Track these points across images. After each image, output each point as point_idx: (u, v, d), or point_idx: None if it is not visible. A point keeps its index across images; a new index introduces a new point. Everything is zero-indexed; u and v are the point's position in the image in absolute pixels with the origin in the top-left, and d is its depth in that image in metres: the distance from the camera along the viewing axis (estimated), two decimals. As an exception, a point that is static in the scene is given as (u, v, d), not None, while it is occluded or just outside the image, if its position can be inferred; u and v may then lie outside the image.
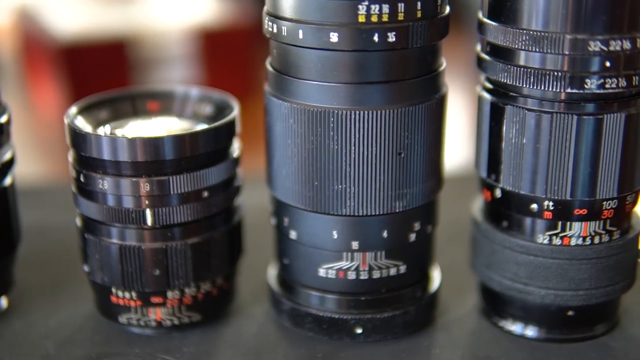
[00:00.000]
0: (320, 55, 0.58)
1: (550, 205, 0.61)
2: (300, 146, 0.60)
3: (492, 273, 0.65)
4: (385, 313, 0.64)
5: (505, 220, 0.64)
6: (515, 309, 0.66)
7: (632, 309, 0.69)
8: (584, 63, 0.57)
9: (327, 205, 0.61)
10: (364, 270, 0.63)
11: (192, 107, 0.70)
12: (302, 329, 0.66)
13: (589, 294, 0.63)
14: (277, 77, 0.61)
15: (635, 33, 0.56)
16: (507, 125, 0.61)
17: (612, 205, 0.61)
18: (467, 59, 1.54)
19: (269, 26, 0.60)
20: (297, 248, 0.64)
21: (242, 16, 1.93)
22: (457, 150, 0.75)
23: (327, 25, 0.56)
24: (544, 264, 0.62)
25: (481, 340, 0.66)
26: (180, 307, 0.65)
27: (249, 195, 0.75)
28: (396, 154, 0.60)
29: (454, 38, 0.67)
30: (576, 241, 0.62)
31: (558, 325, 0.65)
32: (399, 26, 0.57)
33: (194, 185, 0.62)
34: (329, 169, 0.60)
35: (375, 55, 0.57)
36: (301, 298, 0.66)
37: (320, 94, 0.59)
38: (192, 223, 0.64)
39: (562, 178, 0.60)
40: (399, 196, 0.61)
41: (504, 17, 0.59)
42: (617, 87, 0.57)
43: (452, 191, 0.79)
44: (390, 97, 0.59)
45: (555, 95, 0.59)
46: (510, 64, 0.59)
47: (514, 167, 0.61)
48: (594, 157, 0.59)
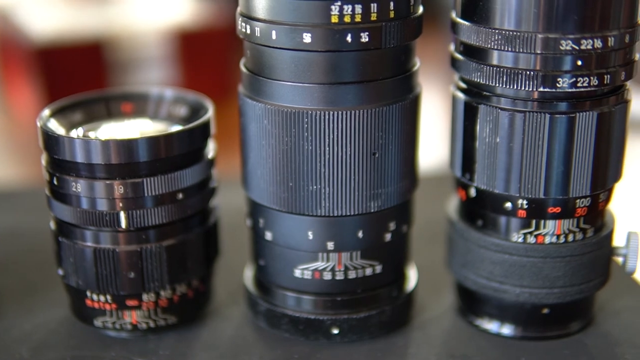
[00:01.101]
0: (293, 56, 0.58)
1: (524, 203, 0.61)
2: (275, 147, 0.60)
3: (468, 272, 0.65)
4: (362, 313, 0.64)
5: (480, 219, 0.65)
6: (490, 307, 0.66)
7: (607, 306, 0.70)
8: (555, 62, 0.57)
9: (302, 206, 0.61)
10: (339, 270, 0.63)
11: (166, 109, 0.69)
12: (279, 330, 0.66)
13: (564, 291, 0.63)
14: (251, 78, 0.61)
15: (606, 32, 0.57)
16: (481, 124, 0.61)
17: (585, 203, 0.62)
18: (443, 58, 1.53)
19: (243, 27, 0.60)
20: (272, 249, 0.64)
21: (219, 17, 1.92)
22: (433, 150, 0.75)
23: (300, 26, 0.56)
24: (518, 263, 0.63)
25: (457, 339, 0.66)
26: (155, 309, 0.65)
27: (226, 196, 0.75)
28: (370, 154, 0.60)
29: (430, 38, 0.67)
30: (550, 239, 0.62)
31: (533, 323, 0.65)
32: (371, 26, 0.57)
33: (168, 187, 0.62)
34: (304, 170, 0.60)
35: (349, 56, 0.57)
36: (277, 299, 0.65)
37: (294, 95, 0.59)
38: (167, 225, 0.63)
39: (535, 177, 0.60)
40: (373, 196, 0.61)
41: (477, 17, 0.59)
42: (589, 86, 0.58)
43: (428, 191, 0.80)
44: (364, 97, 0.59)
45: (528, 94, 0.59)
46: (483, 64, 0.60)
47: (487, 166, 0.61)
48: (566, 155, 0.59)
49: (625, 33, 0.58)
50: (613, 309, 0.70)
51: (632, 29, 0.58)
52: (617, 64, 0.58)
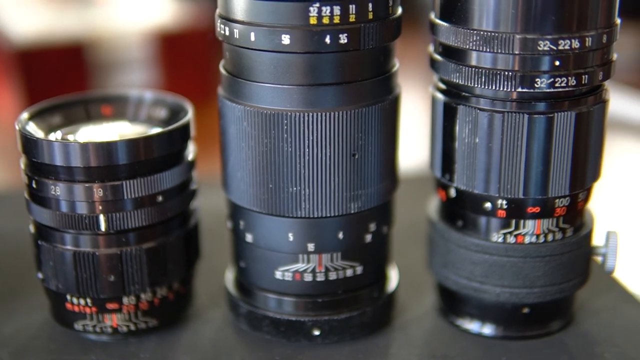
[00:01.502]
0: (272, 58, 0.58)
1: (503, 204, 0.62)
2: (255, 149, 0.60)
3: (448, 272, 0.66)
4: (343, 314, 0.64)
5: (460, 219, 0.65)
6: (471, 307, 0.66)
7: (587, 306, 0.70)
8: (534, 62, 0.57)
9: (282, 208, 0.61)
10: (320, 271, 0.63)
11: (146, 111, 0.69)
12: (260, 332, 0.66)
13: (544, 291, 0.64)
14: (230, 80, 0.61)
15: (583, 32, 0.57)
16: (460, 125, 0.61)
17: (564, 203, 0.62)
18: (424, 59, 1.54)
19: (222, 29, 0.60)
20: (253, 251, 0.64)
21: (200, 19, 1.92)
22: (414, 151, 0.76)
23: (279, 28, 0.56)
24: (498, 263, 0.63)
25: (438, 339, 0.66)
26: (136, 312, 0.65)
27: (207, 198, 0.75)
28: (350, 155, 0.60)
29: (411, 39, 0.67)
30: (530, 239, 0.63)
31: (514, 322, 0.66)
32: (350, 28, 0.57)
33: (148, 190, 0.62)
34: (284, 171, 0.60)
35: (328, 57, 0.57)
36: (258, 301, 0.65)
37: (274, 97, 0.59)
38: (147, 228, 0.63)
39: (514, 177, 0.60)
40: (353, 197, 0.61)
41: (455, 18, 0.60)
42: (567, 86, 0.58)
43: (408, 191, 0.80)
44: (344, 99, 0.59)
45: (506, 94, 0.59)
46: (462, 64, 0.60)
47: (467, 167, 0.62)
48: (545, 155, 0.59)
49: (603, 33, 0.58)
50: (593, 308, 0.70)
51: (610, 29, 0.59)
52: (594, 64, 0.59)
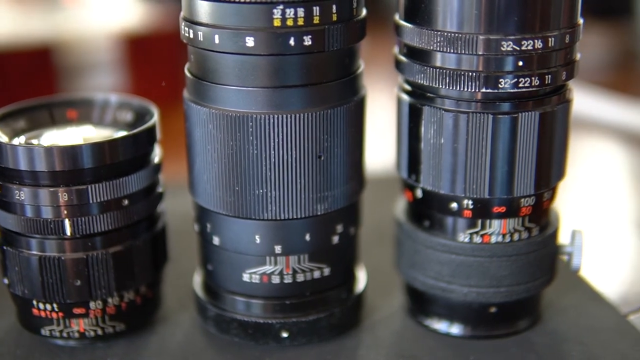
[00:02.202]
0: (237, 60, 0.58)
1: (469, 204, 0.62)
2: (220, 151, 0.60)
3: (416, 272, 0.66)
4: (311, 316, 0.64)
5: (426, 220, 0.65)
6: (439, 307, 0.67)
7: (554, 304, 0.70)
8: (497, 63, 0.58)
9: (248, 210, 0.61)
10: (287, 274, 0.63)
11: (111, 115, 0.69)
12: (228, 335, 0.65)
13: (510, 290, 0.64)
14: (195, 83, 0.61)
15: (546, 33, 0.57)
16: (425, 125, 0.61)
17: (529, 203, 0.62)
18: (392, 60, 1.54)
19: (186, 32, 0.60)
20: (220, 254, 0.64)
21: (169, 21, 1.90)
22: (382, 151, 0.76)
23: (243, 30, 0.56)
24: (465, 262, 0.63)
25: (406, 339, 0.67)
26: (103, 317, 0.65)
27: (175, 201, 0.75)
28: (316, 157, 0.60)
29: (380, 40, 0.67)
30: (496, 239, 0.63)
31: (481, 322, 0.66)
32: (314, 29, 0.57)
33: (113, 194, 0.62)
34: (250, 174, 0.60)
35: (292, 59, 0.57)
36: (226, 304, 0.65)
37: (239, 99, 0.58)
38: (113, 232, 0.63)
39: (480, 177, 0.60)
40: (320, 199, 0.61)
41: (419, 19, 0.60)
42: (531, 86, 0.58)
43: (376, 192, 0.80)
44: (309, 101, 0.59)
45: (471, 95, 0.59)
46: (426, 65, 0.60)
47: (433, 167, 0.62)
48: (510, 155, 0.60)
49: (566, 33, 0.59)
50: (560, 306, 0.70)
51: (572, 29, 0.59)
52: (558, 64, 0.59)
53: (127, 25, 1.35)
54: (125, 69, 1.29)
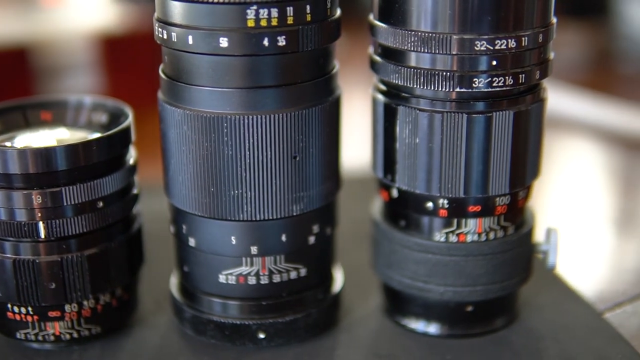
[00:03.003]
0: (211, 61, 0.57)
1: (445, 203, 0.62)
2: (195, 153, 0.60)
3: (393, 272, 0.66)
4: (287, 317, 0.64)
5: (402, 219, 0.65)
6: (416, 307, 0.67)
7: (531, 302, 0.71)
8: (471, 62, 0.58)
9: (224, 211, 0.61)
10: (264, 274, 0.63)
11: (86, 116, 0.69)
12: (205, 336, 0.65)
13: (486, 289, 0.64)
14: (170, 84, 0.61)
15: (519, 32, 0.58)
16: (401, 125, 0.61)
17: (505, 201, 0.63)
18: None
19: (160, 32, 0.60)
20: (196, 255, 0.64)
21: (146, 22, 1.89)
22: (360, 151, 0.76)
23: (217, 31, 0.56)
24: (441, 262, 0.63)
25: (384, 339, 0.67)
26: (79, 320, 0.64)
27: (152, 202, 0.75)
28: (291, 157, 0.60)
29: (358, 40, 0.67)
30: (472, 238, 0.63)
31: (458, 321, 0.66)
32: (288, 30, 0.57)
33: (88, 196, 0.61)
34: (225, 175, 0.60)
35: (266, 60, 0.57)
36: (203, 305, 0.65)
37: (213, 100, 0.58)
38: (87, 234, 0.62)
39: (455, 176, 0.61)
40: (296, 199, 0.61)
41: (394, 19, 0.60)
42: (505, 86, 0.58)
43: (353, 192, 0.80)
44: (283, 101, 0.59)
45: (445, 94, 0.59)
46: (401, 65, 0.60)
47: (408, 167, 0.62)
48: (485, 154, 0.60)
49: (539, 33, 0.59)
50: (537, 304, 0.71)
51: (546, 28, 0.59)
52: (531, 63, 0.59)
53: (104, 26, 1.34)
54: (102, 70, 1.28)
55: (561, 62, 1.41)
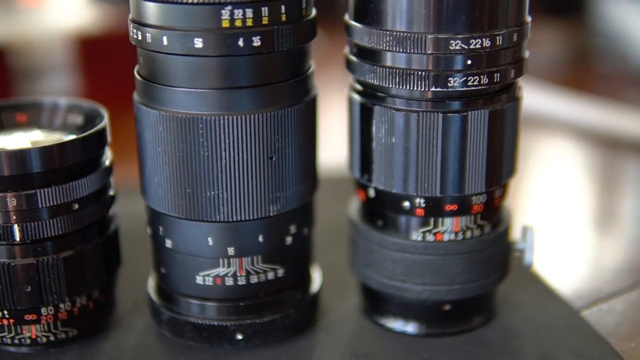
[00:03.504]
0: (185, 62, 0.57)
1: (421, 202, 0.62)
2: (171, 154, 0.60)
3: (370, 272, 0.66)
4: (265, 317, 0.64)
5: (380, 219, 0.65)
6: (394, 306, 0.67)
7: (509, 300, 0.71)
8: (446, 62, 0.58)
9: (200, 212, 0.60)
10: (241, 275, 0.63)
11: (61, 118, 0.68)
12: (183, 338, 0.65)
13: (464, 287, 0.64)
14: (145, 85, 0.60)
15: (494, 31, 0.58)
16: (377, 125, 0.61)
17: (481, 200, 0.63)
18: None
19: (134, 33, 0.59)
20: (173, 257, 0.64)
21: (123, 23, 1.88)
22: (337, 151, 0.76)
23: (191, 31, 0.56)
24: (418, 261, 0.63)
25: (362, 338, 0.67)
26: (55, 322, 0.64)
27: (129, 203, 0.74)
28: (267, 158, 0.60)
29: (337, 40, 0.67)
30: (449, 237, 0.63)
31: (436, 320, 0.66)
32: (263, 30, 0.57)
33: (63, 198, 0.61)
34: (201, 176, 0.59)
35: (241, 60, 0.57)
36: (180, 307, 0.65)
37: (188, 101, 0.58)
38: (63, 236, 0.62)
39: (431, 175, 0.61)
40: (272, 200, 0.61)
41: (369, 19, 0.60)
42: (480, 85, 0.59)
43: (331, 192, 0.80)
44: (259, 102, 0.58)
45: (421, 94, 0.60)
46: (376, 65, 0.60)
47: (384, 167, 0.62)
48: (460, 153, 0.60)
49: (514, 32, 0.59)
50: (514, 302, 0.71)
51: (520, 27, 0.60)
52: (506, 62, 0.59)
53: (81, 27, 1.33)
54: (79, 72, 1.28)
55: (539, 61, 1.42)
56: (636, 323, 0.70)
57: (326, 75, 1.15)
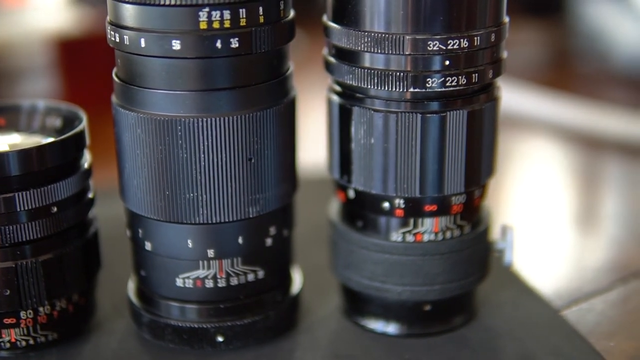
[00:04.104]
0: (163, 64, 0.57)
1: (401, 203, 0.62)
2: (150, 156, 0.59)
3: (351, 273, 0.66)
4: (246, 319, 0.64)
5: (359, 220, 0.65)
6: (374, 307, 0.67)
7: (489, 300, 0.71)
8: (425, 62, 0.58)
9: (180, 215, 0.60)
10: (221, 277, 0.63)
11: (39, 121, 0.68)
12: (163, 341, 0.65)
13: (444, 288, 0.64)
14: (123, 87, 0.60)
15: (472, 32, 0.58)
16: (356, 126, 0.61)
17: (460, 200, 0.63)
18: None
19: (112, 36, 0.59)
20: (153, 259, 0.64)
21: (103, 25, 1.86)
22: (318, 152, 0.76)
23: (169, 33, 0.56)
24: (398, 261, 0.63)
25: (343, 340, 0.67)
26: (35, 326, 0.63)
27: (109, 206, 0.74)
28: (246, 159, 0.60)
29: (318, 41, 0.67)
30: (428, 237, 0.63)
31: (417, 320, 0.66)
32: (241, 32, 0.56)
33: (42, 201, 0.60)
34: (180, 178, 0.59)
35: (219, 62, 0.57)
36: (160, 309, 0.65)
37: (167, 103, 0.58)
38: (42, 240, 0.62)
39: (410, 176, 0.61)
40: (252, 202, 0.61)
41: (347, 20, 0.60)
42: (458, 85, 0.59)
43: (311, 193, 0.80)
44: (237, 103, 0.58)
45: (400, 95, 0.60)
46: (355, 66, 0.60)
47: (364, 168, 0.62)
48: (439, 154, 0.60)
49: (491, 32, 0.59)
50: (495, 302, 0.71)
51: (498, 27, 0.60)
52: (484, 62, 0.60)
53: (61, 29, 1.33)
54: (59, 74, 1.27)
55: (519, 61, 1.42)
56: (616, 322, 0.70)
57: (307, 77, 1.15)
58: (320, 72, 0.65)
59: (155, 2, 0.55)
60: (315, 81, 1.03)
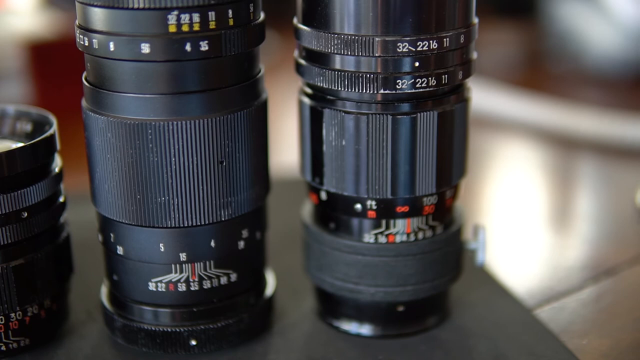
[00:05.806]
0: (133, 67, 0.57)
1: (373, 204, 0.62)
2: (120, 160, 0.59)
3: (324, 275, 0.66)
4: (219, 322, 0.64)
5: (332, 222, 0.65)
6: (348, 308, 0.67)
7: (463, 300, 0.71)
8: (395, 64, 0.58)
9: (151, 218, 0.60)
10: (194, 281, 0.63)
11: (9, 126, 0.67)
12: (136, 345, 0.65)
13: (417, 288, 0.65)
14: (93, 91, 0.60)
15: (441, 33, 0.58)
16: (327, 128, 0.62)
17: (432, 201, 0.63)
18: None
19: (81, 39, 0.59)
20: (125, 263, 0.63)
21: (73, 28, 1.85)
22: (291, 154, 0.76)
23: (138, 37, 0.56)
24: (371, 263, 0.64)
25: (317, 342, 0.67)
26: (7, 332, 0.63)
27: (81, 210, 0.74)
28: (218, 162, 0.59)
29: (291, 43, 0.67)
30: (401, 238, 0.63)
31: (390, 321, 0.67)
32: (210, 35, 0.56)
33: (12, 206, 0.60)
34: (151, 182, 0.59)
35: (189, 65, 0.57)
36: (133, 314, 0.64)
37: (137, 106, 0.58)
38: (13, 245, 0.61)
39: (382, 177, 0.61)
40: (223, 205, 0.61)
41: (317, 22, 0.60)
42: (428, 86, 0.59)
43: (284, 195, 0.80)
44: (208, 106, 0.58)
45: (370, 97, 0.60)
46: (325, 68, 0.60)
47: (335, 169, 0.62)
48: (410, 155, 0.60)
49: (461, 33, 0.59)
50: (468, 302, 0.71)
51: (467, 29, 0.60)
52: (454, 63, 0.60)
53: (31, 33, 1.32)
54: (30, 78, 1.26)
55: (492, 62, 1.43)
56: (589, 320, 0.70)
57: (279, 79, 1.15)
58: (293, 75, 0.65)
59: (124, 6, 0.55)
60: (287, 83, 1.03)
